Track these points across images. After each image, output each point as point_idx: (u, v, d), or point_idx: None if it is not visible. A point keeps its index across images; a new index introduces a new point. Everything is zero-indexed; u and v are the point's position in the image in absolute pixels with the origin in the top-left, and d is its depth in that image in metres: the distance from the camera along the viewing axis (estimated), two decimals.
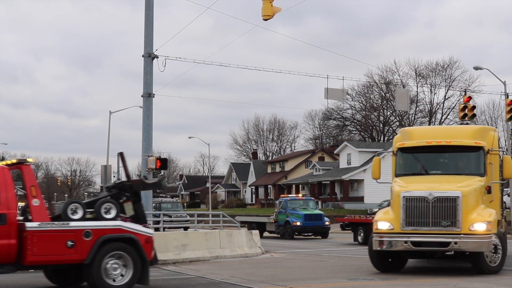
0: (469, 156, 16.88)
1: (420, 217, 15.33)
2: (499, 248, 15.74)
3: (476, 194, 15.72)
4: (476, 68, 44.31)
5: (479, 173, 16.41)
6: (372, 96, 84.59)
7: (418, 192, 15.52)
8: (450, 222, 15.15)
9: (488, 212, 15.59)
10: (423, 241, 15.26)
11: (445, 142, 16.99)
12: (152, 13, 25.01)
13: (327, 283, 14.46)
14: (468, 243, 15.06)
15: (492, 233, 15.19)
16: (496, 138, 17.76)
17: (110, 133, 59.25)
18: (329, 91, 30.42)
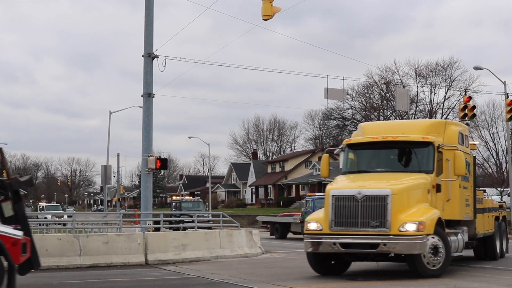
0: (417, 152, 16.01)
1: (349, 217, 14.45)
2: (441, 250, 14.68)
3: (412, 192, 14.86)
4: (476, 68, 44.27)
5: (427, 170, 15.51)
6: (372, 96, 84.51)
7: (347, 191, 14.70)
8: (379, 222, 14.25)
9: (425, 211, 14.61)
10: (351, 243, 14.40)
11: (391, 137, 16.13)
12: (152, 13, 25.02)
13: (327, 283, 14.45)
14: (398, 245, 14.14)
15: (424, 233, 14.21)
16: (456, 133, 16.81)
17: (110, 133, 59.32)
18: (329, 91, 30.41)
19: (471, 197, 17.46)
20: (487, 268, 17.74)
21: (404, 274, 16.04)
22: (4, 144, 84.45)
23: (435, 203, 15.35)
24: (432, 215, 14.65)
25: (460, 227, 16.66)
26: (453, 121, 17.67)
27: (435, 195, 15.40)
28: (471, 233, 17.46)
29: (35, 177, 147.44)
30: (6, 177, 13.14)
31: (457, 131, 16.93)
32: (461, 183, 16.64)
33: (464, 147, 17.21)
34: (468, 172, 16.98)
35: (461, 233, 16.43)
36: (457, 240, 15.99)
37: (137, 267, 18.93)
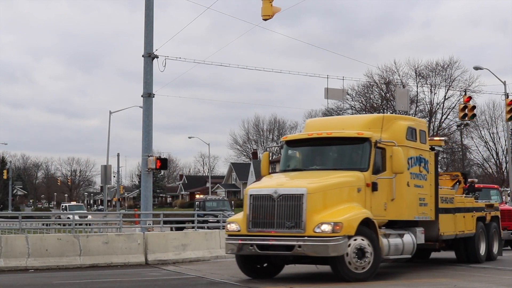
0: (352, 148, 15.22)
1: (266, 217, 13.74)
2: (368, 252, 13.84)
3: (332, 191, 14.05)
4: (476, 68, 44.32)
5: (360, 168, 14.70)
6: (372, 96, 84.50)
7: (265, 190, 13.99)
8: (294, 223, 13.49)
9: (346, 211, 13.75)
10: (268, 245, 13.68)
11: (326, 134, 15.39)
12: (152, 13, 25.03)
13: (327, 282, 14.44)
14: (313, 247, 13.33)
15: (341, 235, 13.32)
16: (403, 128, 15.81)
17: (110, 133, 59.34)
18: (329, 91, 30.46)
19: (429, 196, 16.57)
20: (487, 268, 17.74)
21: (404, 274, 16.05)
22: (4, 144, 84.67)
23: (371, 202, 14.52)
24: (354, 215, 13.78)
25: (412, 228, 15.85)
26: (402, 115, 16.84)
27: (370, 194, 14.54)
28: (433, 234, 16.82)
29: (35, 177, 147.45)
30: None
31: (404, 126, 15.91)
32: (412, 181, 15.81)
33: (417, 143, 16.27)
34: (425, 170, 16.40)
35: (409, 234, 15.56)
36: (401, 242, 15.13)
37: (137, 267, 18.94)
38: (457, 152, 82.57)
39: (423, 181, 16.39)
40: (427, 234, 16.66)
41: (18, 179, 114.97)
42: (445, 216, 17.32)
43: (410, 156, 15.90)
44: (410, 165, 15.86)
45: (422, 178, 16.39)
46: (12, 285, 14.58)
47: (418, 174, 16.18)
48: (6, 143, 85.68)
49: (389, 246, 14.69)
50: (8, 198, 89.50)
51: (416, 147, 16.21)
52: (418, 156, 16.23)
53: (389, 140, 15.18)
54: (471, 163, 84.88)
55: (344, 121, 16.75)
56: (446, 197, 17.63)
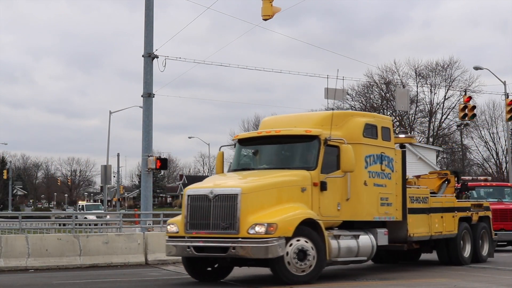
0: (301, 146, 14.77)
1: (202, 218, 13.36)
2: (310, 254, 13.37)
3: (270, 191, 13.57)
4: (476, 68, 44.36)
5: (308, 166, 14.23)
6: (372, 96, 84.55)
7: (201, 190, 13.62)
8: (228, 224, 13.09)
9: (284, 212, 13.30)
10: (204, 246, 13.32)
11: (274, 132, 14.97)
12: (152, 13, 25.04)
13: (327, 282, 14.45)
14: (246, 249, 12.89)
15: (276, 236, 12.83)
16: (360, 125, 15.26)
17: (110, 133, 59.36)
18: (329, 91, 30.44)
19: (394, 196, 15.96)
20: (487, 268, 17.75)
21: (404, 274, 16.05)
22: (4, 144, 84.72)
23: (319, 202, 14.08)
24: (292, 216, 13.30)
25: (373, 229, 15.31)
26: (361, 112, 16.53)
27: (318, 194, 14.07)
28: (401, 235, 16.27)
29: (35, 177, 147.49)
30: None
31: (361, 122, 15.33)
32: (371, 180, 15.26)
33: (378, 140, 15.63)
34: (389, 168, 15.83)
35: (368, 235, 15.06)
36: (356, 243, 14.60)
37: (137, 267, 18.95)
38: (457, 152, 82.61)
39: (386, 180, 15.75)
40: (395, 235, 16.12)
41: (18, 179, 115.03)
42: (416, 216, 16.64)
43: (369, 154, 15.30)
44: (369, 163, 15.27)
45: (385, 177, 15.74)
46: (12, 285, 14.59)
47: (380, 173, 15.58)
48: (6, 143, 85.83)
49: (339, 248, 14.15)
50: (8, 198, 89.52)
51: (376, 145, 15.58)
52: (379, 154, 15.57)
53: (342, 137, 14.61)
54: (471, 163, 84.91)
55: (299, 119, 16.01)
56: (417, 197, 16.97)
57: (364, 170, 15.11)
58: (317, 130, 14.59)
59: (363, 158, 15.11)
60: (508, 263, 19.36)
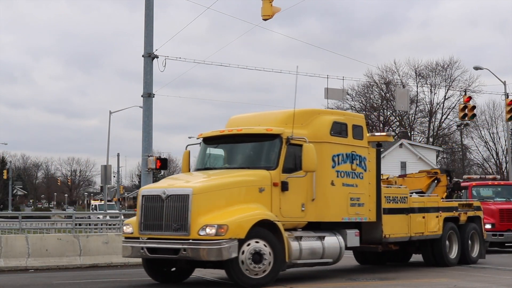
0: (262, 145, 14.35)
1: (155, 219, 13.11)
2: (266, 257, 13.01)
3: (224, 191, 13.22)
4: (476, 68, 44.36)
5: (268, 166, 13.84)
6: (372, 96, 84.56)
7: (155, 190, 13.43)
8: (180, 225, 12.82)
9: (237, 212, 12.93)
10: (156, 248, 13.07)
11: (236, 130, 14.65)
12: (152, 13, 25.02)
13: (327, 283, 14.45)
14: (196, 250, 12.59)
15: (227, 238, 12.47)
16: (327, 123, 14.83)
17: (110, 133, 59.39)
18: (329, 91, 30.44)
19: (367, 196, 15.54)
20: (487, 268, 17.76)
21: (404, 274, 16.05)
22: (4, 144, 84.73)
23: (280, 203, 13.70)
24: (246, 217, 12.93)
25: (342, 230, 14.89)
26: (331, 110, 16.19)
27: (279, 194, 13.69)
28: (376, 236, 15.87)
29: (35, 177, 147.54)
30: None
31: (329, 121, 14.93)
32: (339, 180, 14.84)
33: (348, 138, 15.20)
34: (361, 167, 15.41)
35: (336, 236, 14.61)
36: (320, 245, 14.17)
37: (137, 267, 18.91)
38: (457, 152, 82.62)
39: (357, 180, 15.34)
40: (369, 236, 15.85)
41: (18, 179, 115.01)
42: (393, 217, 16.19)
43: (337, 153, 14.90)
44: (337, 162, 14.87)
45: (357, 177, 15.34)
46: (12, 285, 14.58)
47: (350, 172, 15.18)
48: (6, 143, 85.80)
49: (301, 250, 13.77)
50: (8, 198, 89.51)
51: (346, 144, 15.16)
52: (349, 153, 15.16)
53: (307, 136, 14.22)
54: (471, 163, 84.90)
55: (265, 117, 15.46)
56: (394, 196, 16.44)
57: (331, 169, 14.73)
58: (278, 129, 14.19)
59: (330, 157, 14.74)
60: (509, 263, 19.35)
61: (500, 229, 23.23)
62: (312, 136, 14.37)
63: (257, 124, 14.96)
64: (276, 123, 14.60)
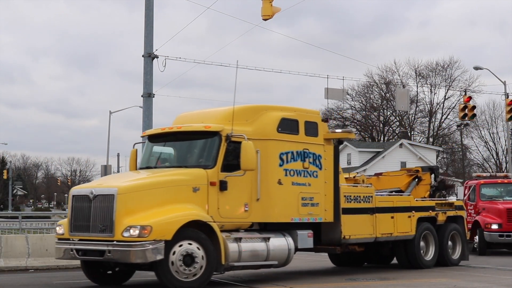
0: (201, 143, 13.87)
1: (84, 219, 12.69)
2: (198, 259, 12.49)
3: (153, 190, 12.70)
4: (476, 68, 44.38)
5: (206, 164, 13.32)
6: (372, 96, 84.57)
7: (84, 190, 13.04)
8: (105, 226, 12.37)
9: (164, 213, 12.44)
10: (84, 249, 12.68)
11: (176, 128, 14.20)
12: (152, 13, 25.02)
13: (327, 283, 14.46)
14: (120, 252, 12.14)
15: (150, 239, 11.98)
16: (274, 120, 14.19)
17: (110, 133, 59.43)
18: (329, 91, 30.46)
19: (323, 195, 14.88)
20: (487, 268, 17.77)
21: (404, 274, 16.05)
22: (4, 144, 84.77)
23: (218, 203, 13.15)
24: (175, 218, 12.44)
25: (293, 231, 14.35)
26: (280, 106, 14.85)
27: (217, 194, 13.14)
28: (334, 237, 15.25)
29: (35, 177, 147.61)
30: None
31: (276, 117, 14.28)
32: (287, 179, 14.22)
33: (299, 135, 14.58)
34: (315, 166, 14.76)
35: (285, 238, 14.09)
36: (264, 247, 13.62)
37: None
38: (457, 152, 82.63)
39: (310, 179, 14.69)
40: (327, 237, 15.32)
41: (18, 179, 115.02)
42: (354, 217, 15.51)
43: (285, 151, 14.27)
44: (285, 161, 14.24)
45: (310, 175, 14.71)
46: (12, 285, 14.57)
47: (302, 171, 14.54)
48: (6, 143, 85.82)
49: (240, 252, 13.21)
50: (8, 198, 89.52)
51: (297, 141, 14.53)
52: (301, 150, 14.54)
53: (253, 133, 13.76)
54: (471, 163, 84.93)
55: (209, 114, 14.83)
56: (356, 196, 15.75)
57: (278, 168, 14.11)
58: (217, 126, 13.61)
59: (277, 155, 14.13)
60: (509, 263, 19.35)
61: (508, 229, 22.11)
62: (257, 133, 13.89)
63: (201, 121, 14.30)
64: (221, 120, 13.93)
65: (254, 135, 13.80)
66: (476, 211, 23.50)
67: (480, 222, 22.72)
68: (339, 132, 15.93)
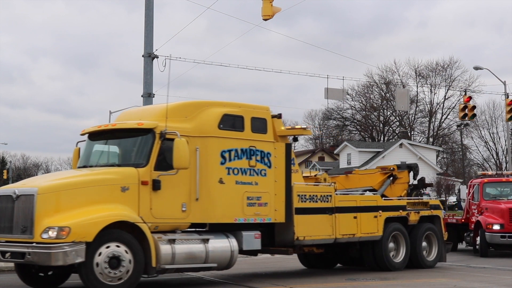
0: (135, 141, 13.34)
1: (7, 220, 12.19)
2: (125, 262, 11.99)
3: (75, 190, 12.16)
4: (476, 68, 44.41)
5: (137, 163, 12.81)
6: (372, 96, 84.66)
7: (8, 190, 12.57)
8: (26, 228, 11.89)
9: (88, 214, 11.92)
10: (6, 251, 12.19)
11: (111, 125, 13.76)
12: (152, 13, 25.11)
13: (327, 283, 14.46)
14: (40, 255, 11.61)
15: (69, 241, 11.49)
16: (215, 116, 13.63)
17: None
18: (329, 91, 30.46)
19: (273, 194, 14.24)
20: (487, 268, 17.76)
21: (404, 274, 16.05)
22: (4, 144, 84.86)
23: (151, 203, 12.62)
24: (97, 218, 11.90)
25: (238, 232, 13.76)
26: (223, 102, 14.36)
27: (149, 193, 12.63)
28: (286, 238, 14.60)
29: None
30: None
31: (217, 113, 13.73)
32: (230, 178, 13.63)
33: (245, 132, 14.01)
34: (263, 164, 14.20)
35: (228, 239, 13.52)
36: (203, 248, 13.07)
37: None
38: (457, 152, 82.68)
39: (257, 177, 14.09)
40: (281, 238, 14.70)
41: (18, 179, 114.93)
42: (310, 217, 14.81)
43: (228, 148, 13.68)
44: (228, 159, 13.65)
45: (257, 174, 14.10)
46: (12, 285, 14.56)
47: (247, 169, 13.94)
48: (6, 143, 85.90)
49: (174, 254, 12.70)
50: None
51: (242, 138, 13.93)
52: (246, 148, 13.94)
53: (192, 130, 13.33)
54: (471, 163, 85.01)
55: (150, 111, 14.44)
56: (312, 195, 15.00)
57: (219, 166, 13.51)
58: (151, 123, 13.12)
59: (218, 153, 13.54)
60: (508, 263, 19.35)
61: (510, 230, 20.89)
62: (197, 130, 13.40)
63: (140, 118, 13.83)
64: (158, 117, 13.34)
65: (194, 132, 13.35)
66: (479, 211, 22.39)
67: (482, 223, 21.64)
68: (293, 129, 15.50)
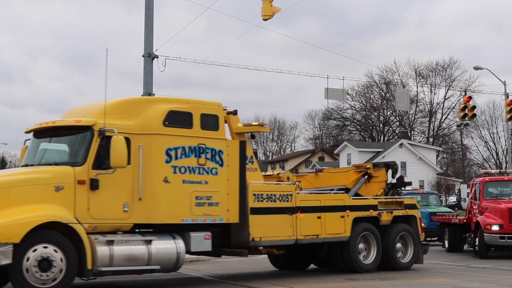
0: (73, 139, 12.92)
1: None
2: (56, 264, 11.62)
3: (4, 190, 11.79)
4: (476, 68, 44.39)
5: (74, 161, 12.45)
6: (372, 96, 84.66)
7: None
8: None
9: (14, 214, 11.51)
10: None
11: (51, 123, 13.28)
12: (152, 13, 25.10)
13: (327, 283, 14.46)
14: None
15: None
16: (161, 113, 13.23)
17: None
18: (329, 91, 30.46)
19: (225, 194, 13.81)
20: (487, 268, 17.75)
21: (404, 274, 16.06)
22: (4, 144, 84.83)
23: (88, 203, 12.28)
24: (23, 219, 11.52)
25: (186, 233, 13.34)
26: (171, 98, 13.99)
27: (87, 193, 12.25)
28: (242, 239, 14.13)
29: None
30: None
31: (162, 110, 13.32)
32: (177, 177, 13.22)
33: (193, 129, 13.60)
34: (214, 162, 13.78)
35: (174, 240, 13.11)
36: (145, 250, 12.64)
37: None
38: (457, 152, 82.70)
39: (207, 176, 13.65)
40: (236, 239, 14.27)
41: None
42: (267, 217, 14.30)
43: (174, 146, 13.26)
44: (174, 157, 13.21)
45: (207, 172, 13.67)
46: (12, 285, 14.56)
47: (196, 168, 13.50)
48: (6, 143, 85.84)
49: (112, 256, 12.25)
50: None
51: (189, 135, 13.53)
52: (195, 146, 13.53)
53: (136, 127, 12.98)
54: (471, 163, 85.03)
55: (93, 108, 13.68)
56: (270, 194, 14.52)
57: (164, 164, 13.08)
58: (89, 120, 12.74)
59: (163, 151, 13.12)
60: (508, 263, 19.34)
61: (509, 231, 20.17)
62: (141, 128, 13.00)
63: (83, 115, 13.36)
64: (98, 114, 12.87)
65: (137, 129, 12.97)
66: (480, 211, 21.75)
67: (481, 223, 21.07)
68: (250, 125, 15.07)
